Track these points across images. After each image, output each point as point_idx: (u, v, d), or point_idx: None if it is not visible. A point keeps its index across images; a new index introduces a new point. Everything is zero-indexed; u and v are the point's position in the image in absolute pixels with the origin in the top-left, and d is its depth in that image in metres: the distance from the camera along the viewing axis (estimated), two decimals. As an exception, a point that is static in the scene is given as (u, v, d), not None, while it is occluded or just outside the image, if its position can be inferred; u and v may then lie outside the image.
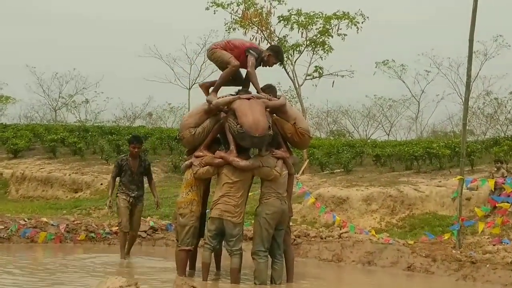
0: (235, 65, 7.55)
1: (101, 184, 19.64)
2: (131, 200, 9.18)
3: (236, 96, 7.37)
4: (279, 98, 7.61)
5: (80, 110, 43.20)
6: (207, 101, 7.45)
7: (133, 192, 9.18)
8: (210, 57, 7.86)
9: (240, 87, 7.79)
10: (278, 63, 8.34)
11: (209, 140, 7.41)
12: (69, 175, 20.72)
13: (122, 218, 9.16)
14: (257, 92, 7.52)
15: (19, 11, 71.77)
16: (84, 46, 65.42)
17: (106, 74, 52.11)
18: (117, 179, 9.36)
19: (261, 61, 7.76)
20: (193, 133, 7.34)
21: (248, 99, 7.23)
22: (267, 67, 7.95)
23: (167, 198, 16.03)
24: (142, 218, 12.67)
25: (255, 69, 7.65)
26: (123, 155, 9.70)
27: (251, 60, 7.54)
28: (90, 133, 27.41)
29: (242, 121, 6.90)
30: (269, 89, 7.71)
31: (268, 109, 7.29)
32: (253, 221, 7.56)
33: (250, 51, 7.60)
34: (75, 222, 11.74)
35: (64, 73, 41.96)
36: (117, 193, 9.31)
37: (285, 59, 23.99)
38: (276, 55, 7.84)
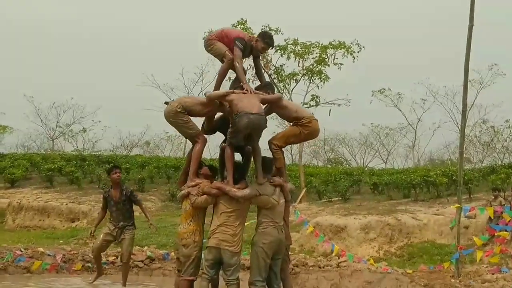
0: (230, 58, 7.55)
1: (99, 213, 19.53)
2: (116, 231, 9.29)
3: (231, 90, 7.38)
4: None
5: (78, 139, 43.29)
6: (204, 94, 7.41)
7: (118, 222, 9.31)
8: (207, 49, 7.86)
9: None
10: (269, 47, 8.13)
11: (195, 168, 7.37)
12: (66, 204, 20.62)
13: (94, 246, 9.58)
14: (242, 84, 7.46)
15: (21, 37, 72.21)
16: (82, 71, 65.78)
17: (104, 104, 52.30)
18: None
19: (251, 50, 7.75)
20: (179, 110, 7.21)
21: (244, 93, 7.24)
22: (258, 54, 7.96)
23: (165, 227, 15.96)
24: (140, 247, 12.68)
25: (244, 58, 7.68)
26: (106, 188, 9.87)
27: (236, 53, 7.52)
28: (87, 162, 27.39)
29: (238, 107, 6.89)
30: (267, 87, 7.72)
31: (264, 103, 7.31)
32: (250, 250, 7.51)
33: (236, 41, 7.55)
34: (72, 252, 11.67)
35: (61, 103, 42.24)
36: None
37: (283, 87, 24.18)
38: (262, 38, 7.77)
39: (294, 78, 24.32)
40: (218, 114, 7.76)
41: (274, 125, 29.49)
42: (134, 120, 57.84)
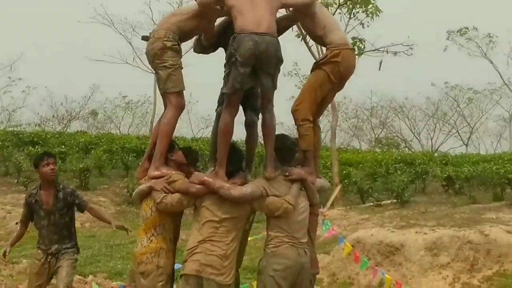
0: None
1: (17, 223, 19.59)
2: (49, 259, 9.10)
3: None
4: None
5: (-16, 108, 43.43)
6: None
7: (51, 244, 9.04)
8: None
9: None
10: None
11: (163, 149, 7.28)
12: (-34, 210, 20.72)
13: None
14: None
15: None
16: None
17: (26, 51, 52.09)
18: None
19: None
20: (169, 44, 7.23)
21: None
22: None
23: (120, 246, 16.00)
24: (81, 277, 12.73)
25: None
26: (32, 188, 9.62)
27: None
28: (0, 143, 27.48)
29: (238, 23, 6.92)
30: None
31: (282, 7, 7.35)
32: (254, 283, 7.53)
33: None
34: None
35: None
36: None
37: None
38: None
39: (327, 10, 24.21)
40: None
41: (293, 85, 29.39)
42: (74, 77, 57.89)
